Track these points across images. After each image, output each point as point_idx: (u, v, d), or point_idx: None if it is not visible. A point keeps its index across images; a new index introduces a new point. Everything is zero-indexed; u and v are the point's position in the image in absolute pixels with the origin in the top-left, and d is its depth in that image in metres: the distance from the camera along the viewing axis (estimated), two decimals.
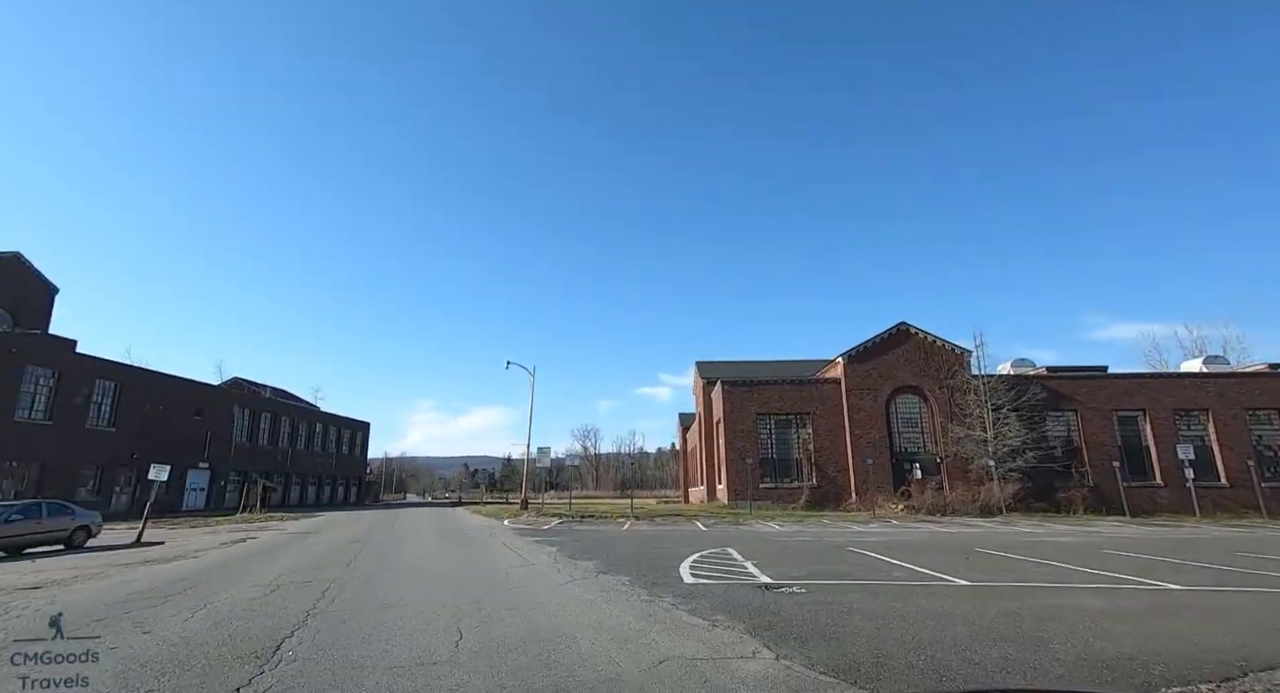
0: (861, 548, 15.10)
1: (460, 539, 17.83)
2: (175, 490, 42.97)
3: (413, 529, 22.06)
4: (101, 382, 37.46)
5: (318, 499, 60.46)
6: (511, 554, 13.81)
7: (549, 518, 26.33)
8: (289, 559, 13.20)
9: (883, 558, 12.82)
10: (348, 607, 7.72)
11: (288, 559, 13.21)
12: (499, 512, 31.14)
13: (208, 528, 24.27)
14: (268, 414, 53.07)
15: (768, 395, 33.77)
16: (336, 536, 19.57)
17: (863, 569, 11.09)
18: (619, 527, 22.69)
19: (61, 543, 17.75)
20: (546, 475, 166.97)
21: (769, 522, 25.02)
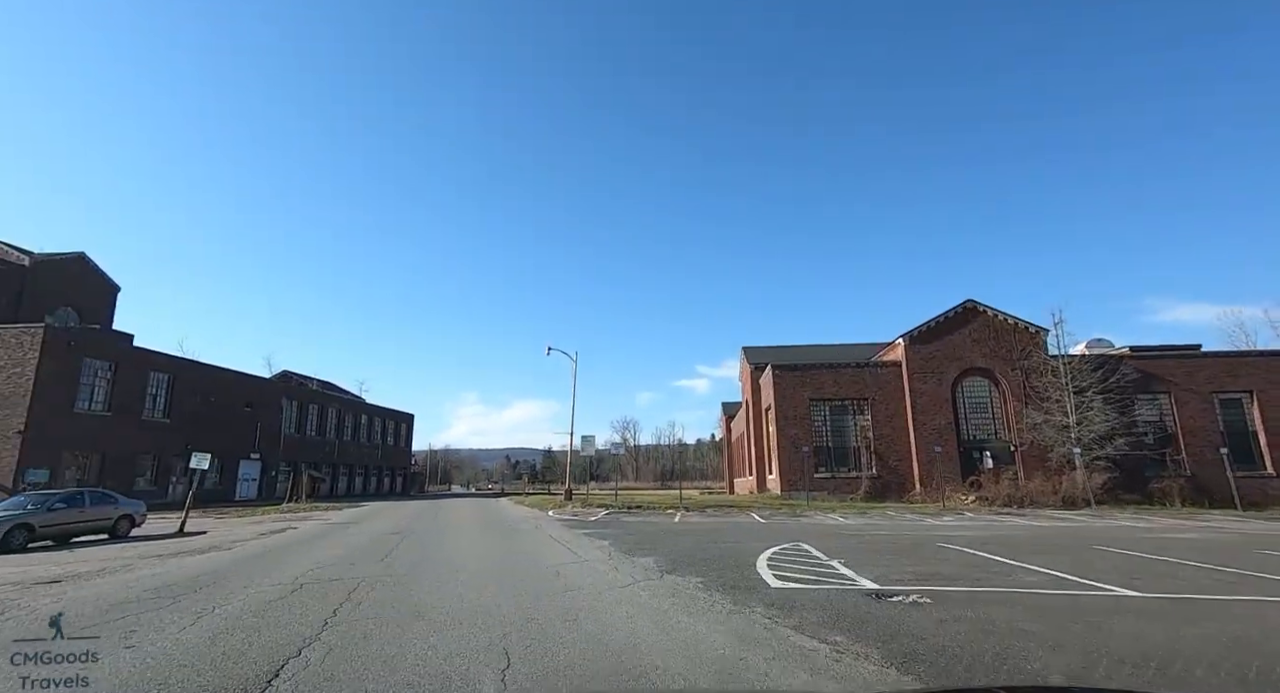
0: (953, 543, 13.16)
1: (505, 531, 16.66)
2: (228, 481, 43.74)
3: (455, 520, 21.09)
4: (156, 374, 38.10)
5: (364, 490, 61.18)
6: (560, 548, 12.46)
7: (595, 509, 25.07)
8: (322, 552, 12.18)
9: (992, 557, 10.89)
10: (374, 614, 6.42)
11: (321, 552, 12.19)
12: (542, 502, 30.12)
13: (253, 518, 23.93)
14: (315, 406, 53.70)
15: (821, 380, 31.63)
16: (377, 526, 18.71)
17: (978, 571, 9.23)
18: (669, 518, 21.21)
19: (106, 532, 17.40)
20: (587, 467, 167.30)
21: (829, 513, 23.11)
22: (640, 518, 21.15)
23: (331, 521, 21.37)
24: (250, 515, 25.31)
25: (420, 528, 17.72)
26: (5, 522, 14.97)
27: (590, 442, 26.95)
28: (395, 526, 18.68)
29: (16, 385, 30.85)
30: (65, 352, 32.46)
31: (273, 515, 24.91)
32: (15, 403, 30.70)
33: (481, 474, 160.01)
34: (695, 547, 12.50)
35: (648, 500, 28.87)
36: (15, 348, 31.26)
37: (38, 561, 12.40)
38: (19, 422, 30.54)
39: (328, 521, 21.40)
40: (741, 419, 47.55)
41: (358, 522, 20.46)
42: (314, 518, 23.05)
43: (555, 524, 18.67)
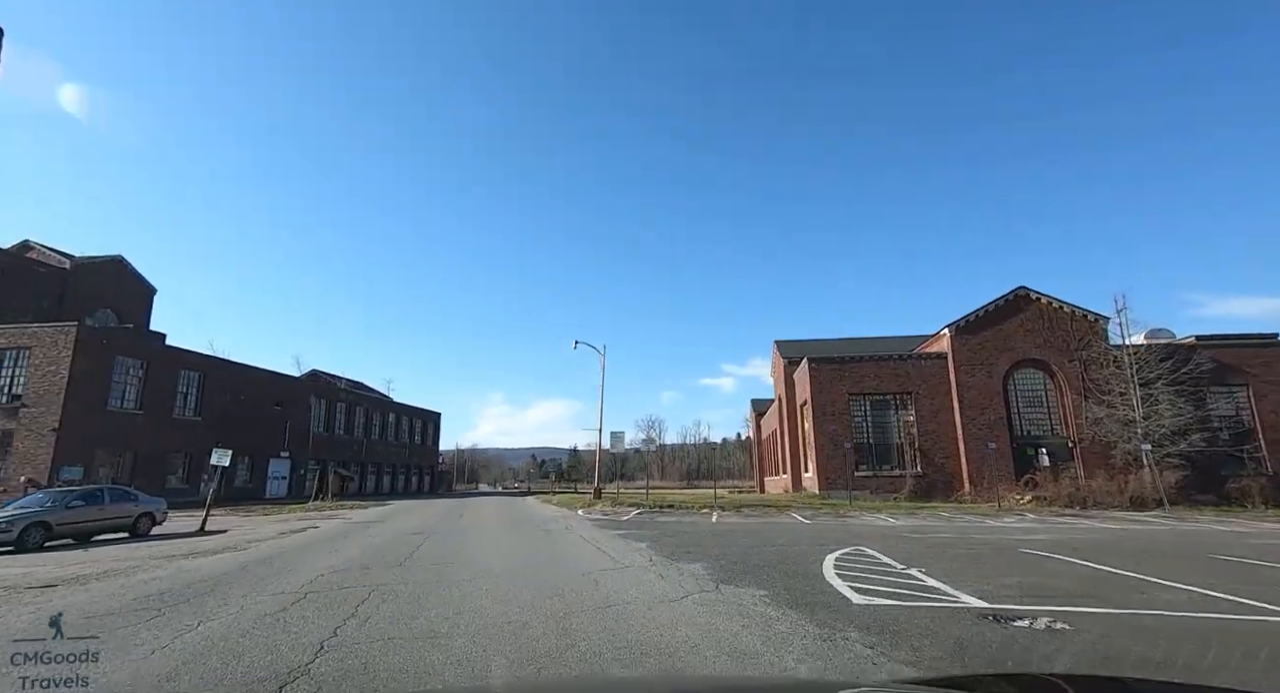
0: (1037, 549, 11.57)
1: (533, 531, 15.56)
2: (258, 479, 43.76)
3: (481, 519, 20.10)
4: (186, 373, 38.16)
5: (392, 488, 61.11)
6: (595, 551, 11.25)
7: (625, 507, 23.89)
8: (339, 554, 11.19)
9: (1102, 568, 9.29)
10: (381, 634, 5.28)
11: (337, 554, 11.20)
12: (571, 501, 29.05)
13: (278, 516, 23.33)
14: (343, 405, 53.69)
15: (861, 373, 29.88)
16: (401, 525, 17.81)
17: (1098, 586, 7.69)
18: (706, 518, 19.89)
19: (126, 531, 16.83)
20: (614, 465, 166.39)
21: (876, 514, 21.51)
22: (675, 518, 19.87)
23: (354, 520, 20.57)
24: (276, 514, 24.76)
25: (444, 528, 16.74)
26: (20, 520, 14.41)
27: (620, 438, 25.77)
28: (419, 525, 17.75)
29: (51, 384, 30.98)
30: (98, 350, 32.56)
31: (298, 514, 24.30)
32: (50, 401, 30.84)
33: (508, 473, 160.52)
34: (745, 551, 11.17)
35: (679, 499, 27.58)
36: (50, 347, 31.41)
37: (48, 561, 11.70)
38: (53, 419, 30.66)
39: (351, 520, 20.61)
40: (773, 416, 45.88)
41: (381, 521, 19.60)
42: (338, 517, 22.33)
43: (586, 524, 17.52)
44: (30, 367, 31.25)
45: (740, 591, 7.30)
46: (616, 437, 25.78)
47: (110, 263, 55.81)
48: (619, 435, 25.80)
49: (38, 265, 51.81)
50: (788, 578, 8.14)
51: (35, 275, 51.58)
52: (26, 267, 51.45)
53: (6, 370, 31.54)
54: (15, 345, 31.63)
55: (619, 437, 25.80)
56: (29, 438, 30.58)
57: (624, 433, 25.90)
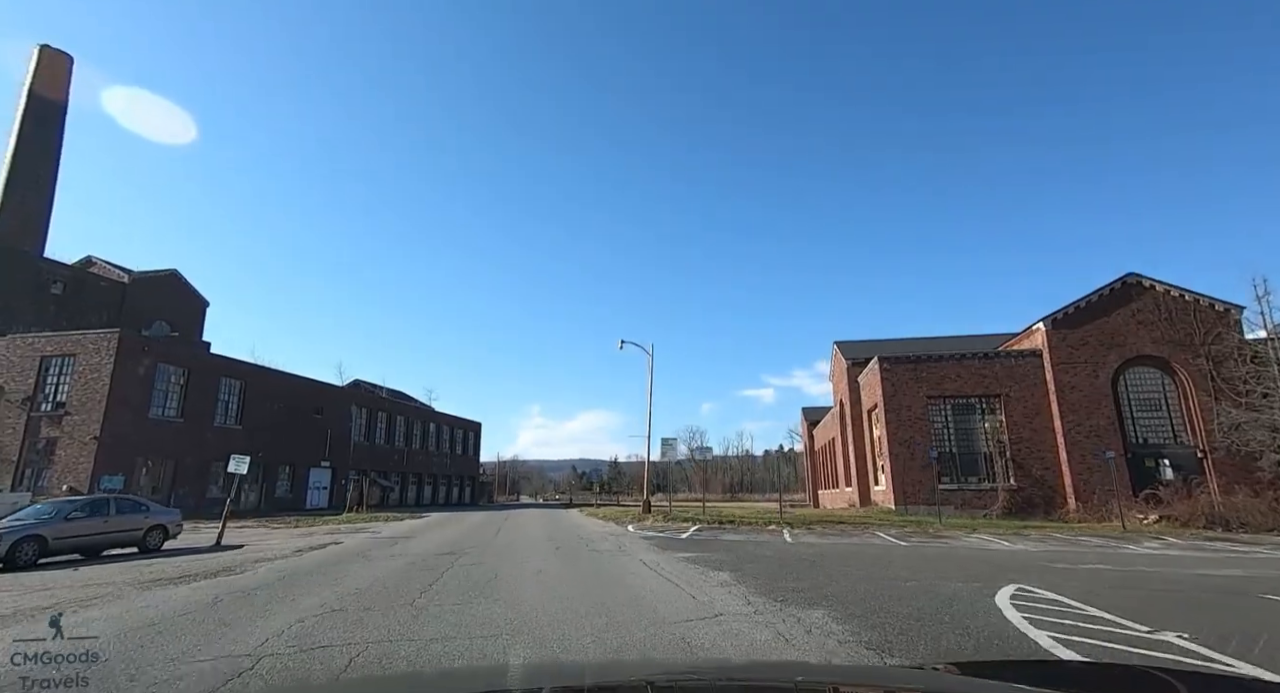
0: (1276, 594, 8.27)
1: (583, 553, 13.00)
2: (299, 488, 42.77)
3: (522, 536, 17.67)
4: (228, 380, 37.47)
5: (433, 499, 59.77)
6: (666, 585, 8.56)
7: (680, 523, 21.13)
8: (342, 585, 8.85)
9: None
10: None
11: (340, 585, 8.86)
12: (618, 515, 26.44)
13: (305, 529, 21.49)
14: (384, 414, 52.71)
15: (941, 374, 26.38)
16: (430, 542, 15.54)
17: None
18: (777, 537, 16.94)
19: (135, 545, 15.09)
20: (655, 477, 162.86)
21: (974, 534, 18.10)
22: (741, 536, 16.98)
23: (383, 534, 18.45)
24: (306, 527, 22.98)
25: (478, 546, 14.35)
26: (10, 534, 12.70)
27: (671, 447, 23.07)
28: (451, 542, 15.43)
29: (93, 391, 30.42)
30: (140, 357, 31.97)
31: (328, 527, 22.44)
32: (91, 409, 30.25)
33: (548, 485, 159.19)
34: (871, 590, 8.23)
35: (736, 514, 24.62)
36: (93, 354, 30.94)
37: (27, 584, 9.82)
38: (95, 427, 30.02)
39: (379, 534, 18.49)
40: (832, 424, 42.26)
41: (411, 536, 17.39)
42: (368, 530, 20.31)
43: (641, 544, 14.85)
44: (74, 374, 30.82)
45: None
46: (668, 444, 23.07)
47: (166, 277, 56.80)
48: (670, 443, 23.10)
49: (99, 280, 53.01)
50: (978, 644, 5.29)
51: (96, 289, 52.68)
52: (89, 281, 52.63)
53: (52, 378, 31.22)
54: (61, 352, 31.30)
55: (670, 444, 23.09)
56: (71, 446, 30.01)
57: (676, 440, 23.17)
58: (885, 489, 27.45)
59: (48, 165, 57.38)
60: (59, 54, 59.90)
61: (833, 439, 41.99)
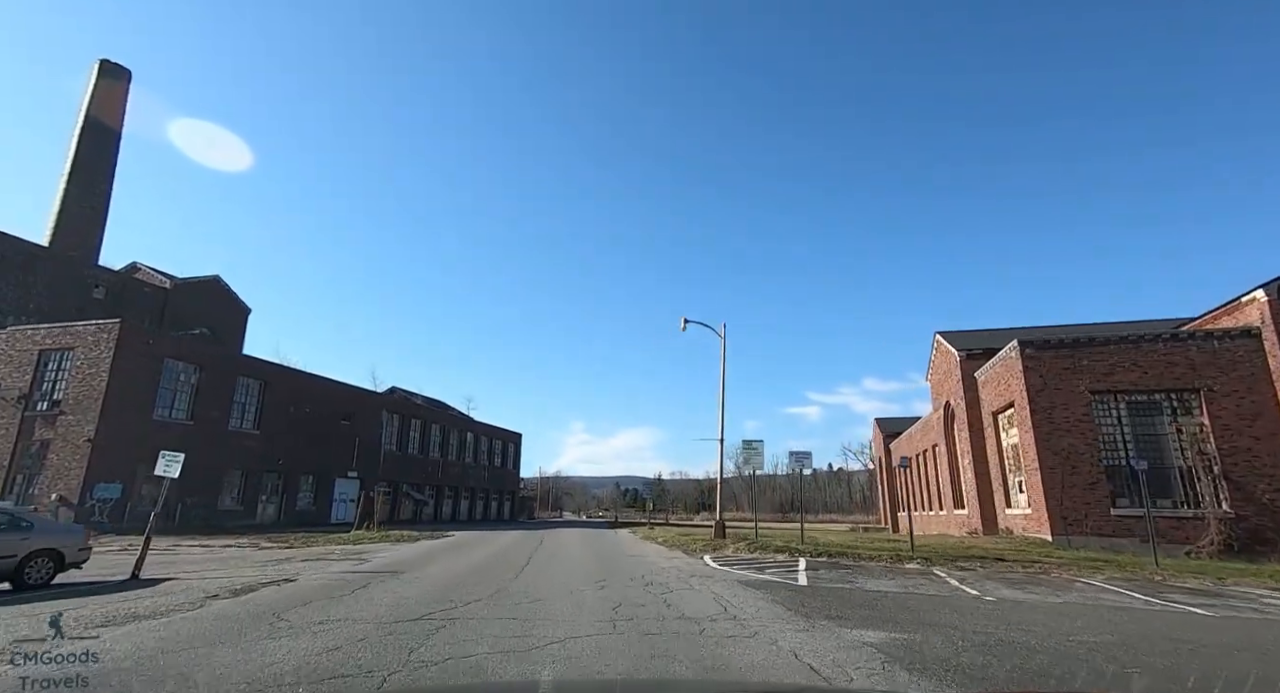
0: None
1: (656, 611, 7.42)
2: (323, 501, 38.64)
3: (560, 569, 12.17)
4: (245, 380, 33.75)
5: (470, 514, 55.07)
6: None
7: (773, 553, 15.21)
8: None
9: None
10: None
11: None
12: (680, 539, 20.59)
13: (288, 552, 16.60)
14: (418, 421, 48.54)
15: (1109, 362, 19.57)
16: (428, 582, 10.23)
17: None
18: (939, 583, 10.90)
19: (6, 578, 10.35)
20: (699, 496, 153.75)
21: (1209, 582, 11.50)
22: (892, 583, 10.87)
23: (368, 566, 13.26)
24: (299, 547, 18.13)
25: (490, 592, 8.90)
26: None
27: (756, 451, 16.96)
28: (453, 584, 10.06)
29: (90, 388, 26.90)
30: (144, 351, 28.42)
31: (318, 549, 17.52)
32: (87, 408, 26.69)
33: (591, 501, 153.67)
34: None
35: (842, 543, 18.45)
36: (91, 347, 27.51)
37: None
38: (89, 429, 26.42)
39: (363, 566, 13.31)
40: (923, 434, 35.26)
41: (401, 571, 12.09)
42: (360, 557, 15.26)
43: (739, 589, 9.17)
44: (72, 369, 27.44)
45: None
46: (751, 448, 16.86)
47: (208, 283, 54.89)
48: (754, 447, 16.94)
49: (142, 285, 51.34)
50: None
51: (139, 295, 50.89)
52: (132, 286, 50.93)
53: (50, 374, 27.93)
54: (59, 346, 28.03)
55: (754, 449, 16.93)
56: (64, 449, 26.43)
57: (760, 444, 17.02)
58: (1031, 513, 20.61)
59: (104, 176, 56.83)
60: (118, 68, 59.82)
61: (926, 451, 34.94)
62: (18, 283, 40.33)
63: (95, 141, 55.72)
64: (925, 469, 35.70)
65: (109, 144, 56.90)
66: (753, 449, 16.93)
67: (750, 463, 16.86)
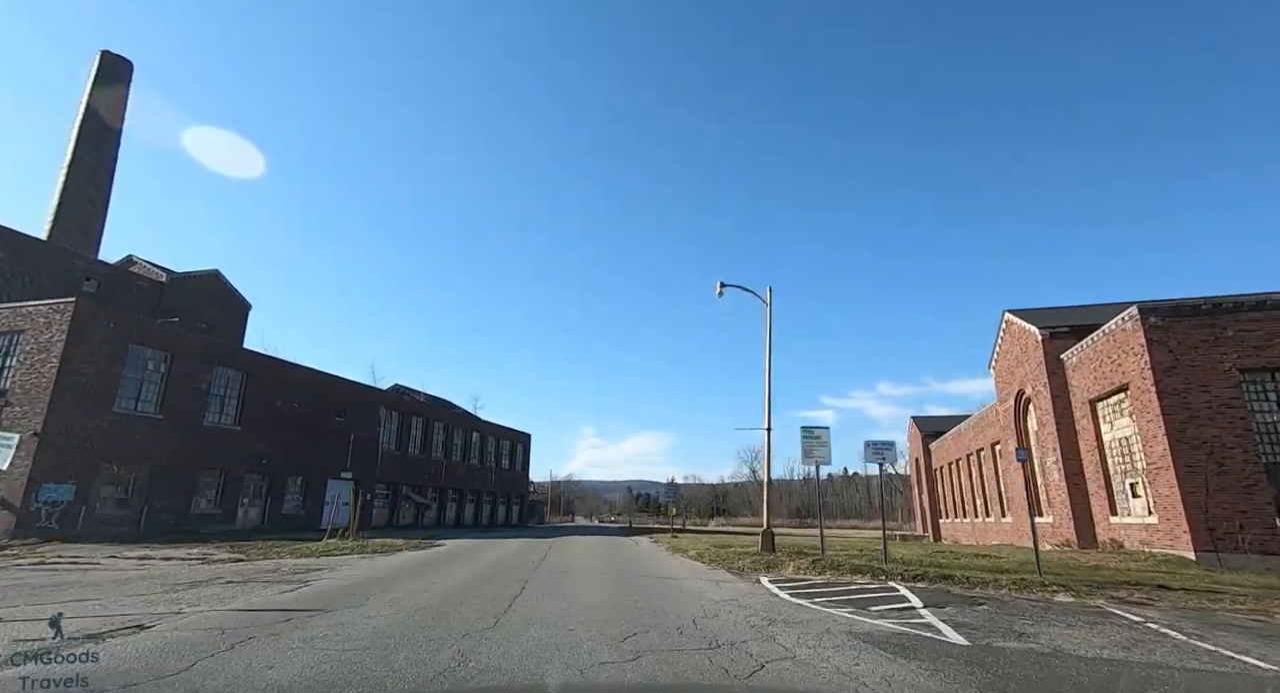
0: None
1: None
2: (313, 503, 35.02)
3: (564, 607, 8.30)
4: (224, 371, 30.27)
5: (476, 519, 51.29)
6: None
7: (852, 575, 11.12)
8: None
9: None
10: None
11: None
12: (717, 550, 16.55)
13: (230, 563, 12.86)
14: (420, 419, 44.90)
15: (1270, 331, 15.38)
16: (355, 632, 6.44)
17: None
18: (1139, 631, 6.90)
19: None
20: (713, 500, 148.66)
21: None
22: (1087, 639, 6.86)
23: (313, 588, 9.53)
24: (243, 561, 14.35)
25: (443, 661, 4.99)
26: None
27: (820, 442, 12.77)
28: (397, 632, 6.25)
29: (39, 376, 23.48)
30: (104, 335, 25.00)
31: (279, 559, 13.73)
32: (35, 398, 23.29)
33: (603, 505, 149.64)
34: None
35: (915, 558, 14.41)
36: (43, 329, 24.12)
37: None
38: (36, 422, 22.99)
39: (312, 586, 9.58)
40: (980, 431, 30.93)
41: (344, 604, 8.24)
42: (318, 573, 11.51)
43: (870, 657, 5.31)
44: (20, 355, 24.07)
45: None
46: (814, 438, 12.60)
47: (206, 277, 51.86)
48: (818, 437, 12.71)
49: (137, 279, 48.41)
50: None
51: (134, 289, 47.84)
52: (126, 279, 47.98)
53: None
54: (7, 328, 24.67)
55: (818, 439, 12.71)
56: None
57: (827, 433, 12.88)
58: (1157, 523, 16.31)
59: (104, 169, 54.41)
60: (120, 60, 57.54)
61: (981, 451, 30.59)
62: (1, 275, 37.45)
63: (96, 134, 53.42)
64: (977, 470, 31.34)
65: (110, 137, 54.62)
66: (815, 438, 12.83)
67: (813, 456, 12.78)
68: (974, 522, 32.69)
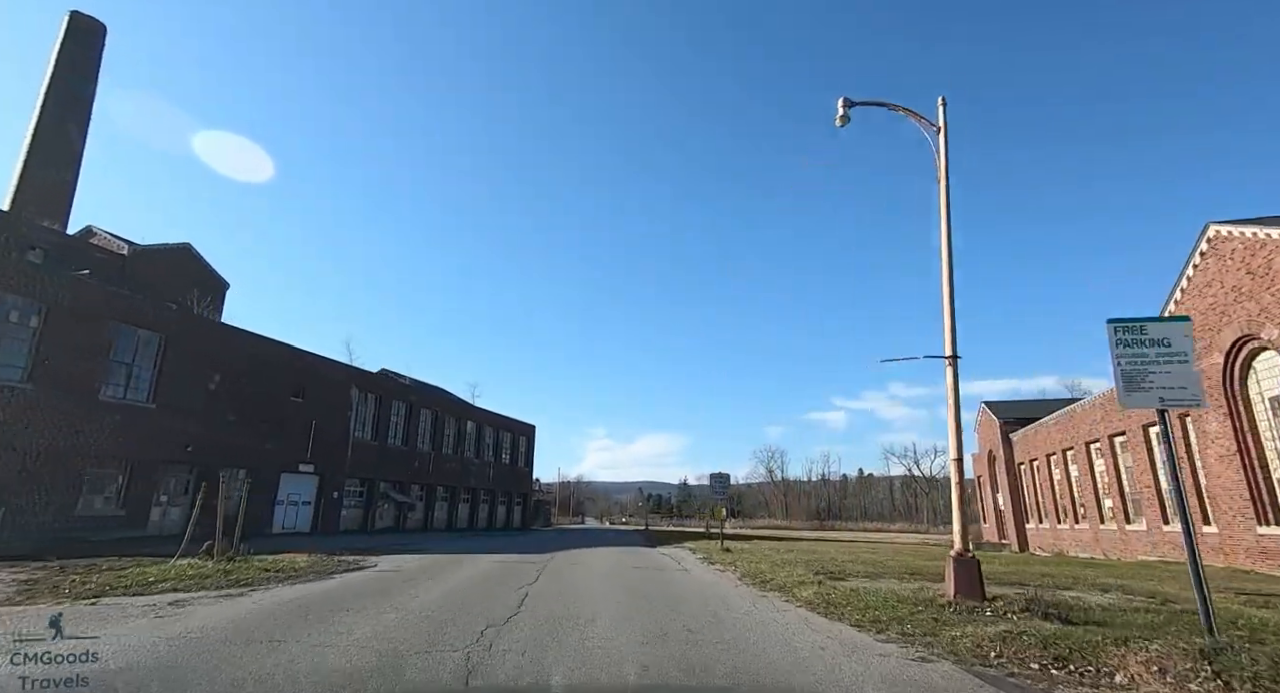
0: None
1: None
2: (262, 502, 27.59)
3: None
4: (132, 332, 23.01)
5: (471, 520, 43.75)
6: None
7: (1109, 650, 3.47)
8: None
9: None
10: None
11: None
12: (828, 585, 8.86)
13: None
14: (402, 404, 37.47)
15: None
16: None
17: None
18: None
19: None
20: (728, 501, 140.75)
21: None
22: None
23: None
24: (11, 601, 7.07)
25: None
26: None
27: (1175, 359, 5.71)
28: None
29: None
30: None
31: (55, 604, 6.39)
32: None
33: (614, 506, 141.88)
34: None
35: (1165, 592, 6.80)
36: None
37: None
38: None
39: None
40: (1102, 416, 22.99)
41: None
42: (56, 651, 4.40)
43: None
44: None
45: None
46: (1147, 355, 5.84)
47: (176, 251, 44.57)
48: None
49: (95, 250, 41.32)
50: None
51: (89, 260, 40.56)
52: (80, 250, 40.81)
53: None
54: None
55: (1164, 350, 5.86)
56: None
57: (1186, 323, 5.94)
58: None
59: (74, 137, 47.66)
60: (91, 21, 50.71)
61: (1098, 442, 22.62)
62: None
63: (63, 100, 46.74)
64: (1110, 462, 23.31)
65: (80, 104, 47.97)
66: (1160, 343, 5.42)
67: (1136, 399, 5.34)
68: (1096, 529, 24.71)
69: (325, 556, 13.51)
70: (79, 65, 48.60)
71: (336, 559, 12.90)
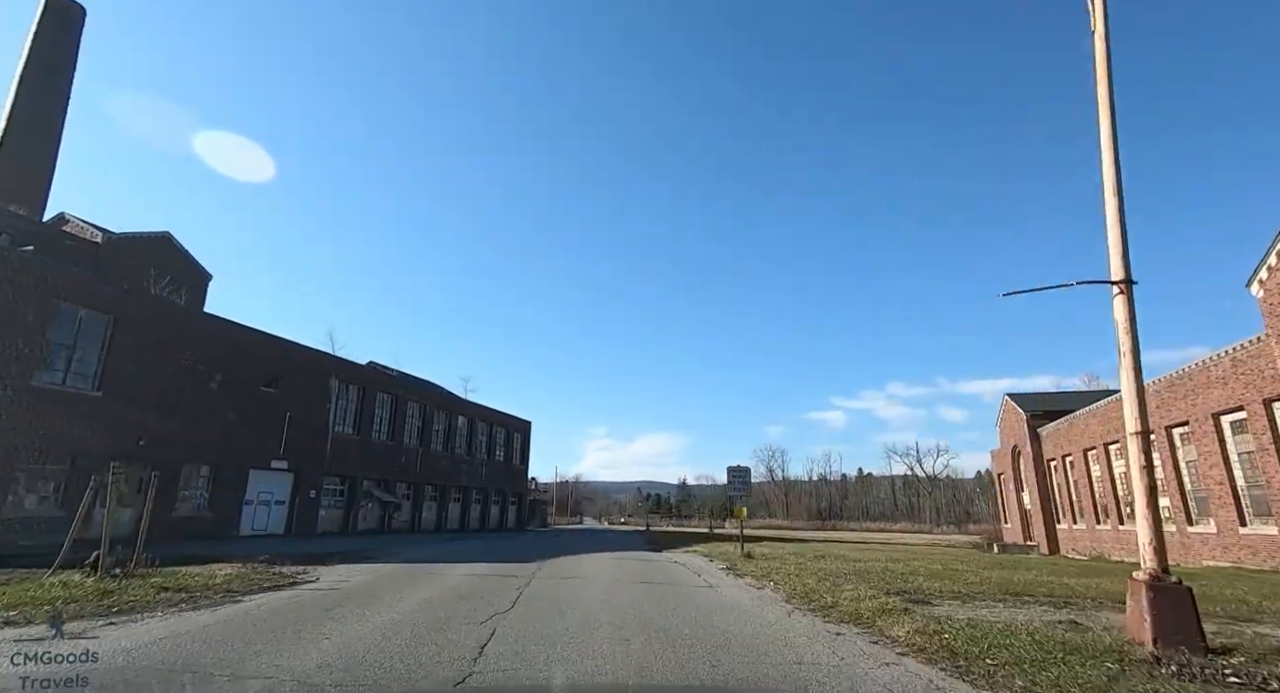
0: None
1: None
2: (228, 503, 25.01)
3: None
4: (75, 312, 20.41)
5: (463, 521, 41.10)
6: None
7: None
8: None
9: None
10: None
11: None
12: (915, 615, 6.28)
13: None
14: (388, 397, 34.86)
15: None
16: None
17: None
18: None
19: None
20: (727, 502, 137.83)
21: None
22: None
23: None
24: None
25: None
26: None
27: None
28: None
29: None
30: None
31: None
32: None
33: (613, 507, 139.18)
34: None
35: None
36: None
37: None
38: None
39: None
40: (1183, 395, 20.52)
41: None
42: None
43: None
44: None
45: None
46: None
47: (153, 240, 41.91)
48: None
49: (65, 238, 38.73)
50: None
51: (58, 248, 37.98)
52: (49, 237, 38.19)
53: None
54: None
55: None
56: None
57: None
58: None
59: (50, 122, 45.39)
60: (70, 3, 48.30)
61: (1180, 427, 20.10)
62: None
63: (40, 85, 44.41)
64: (1169, 456, 20.78)
65: (57, 89, 45.62)
66: None
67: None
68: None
69: (261, 565, 10.91)
70: (56, 49, 46.25)
71: (272, 571, 10.29)
